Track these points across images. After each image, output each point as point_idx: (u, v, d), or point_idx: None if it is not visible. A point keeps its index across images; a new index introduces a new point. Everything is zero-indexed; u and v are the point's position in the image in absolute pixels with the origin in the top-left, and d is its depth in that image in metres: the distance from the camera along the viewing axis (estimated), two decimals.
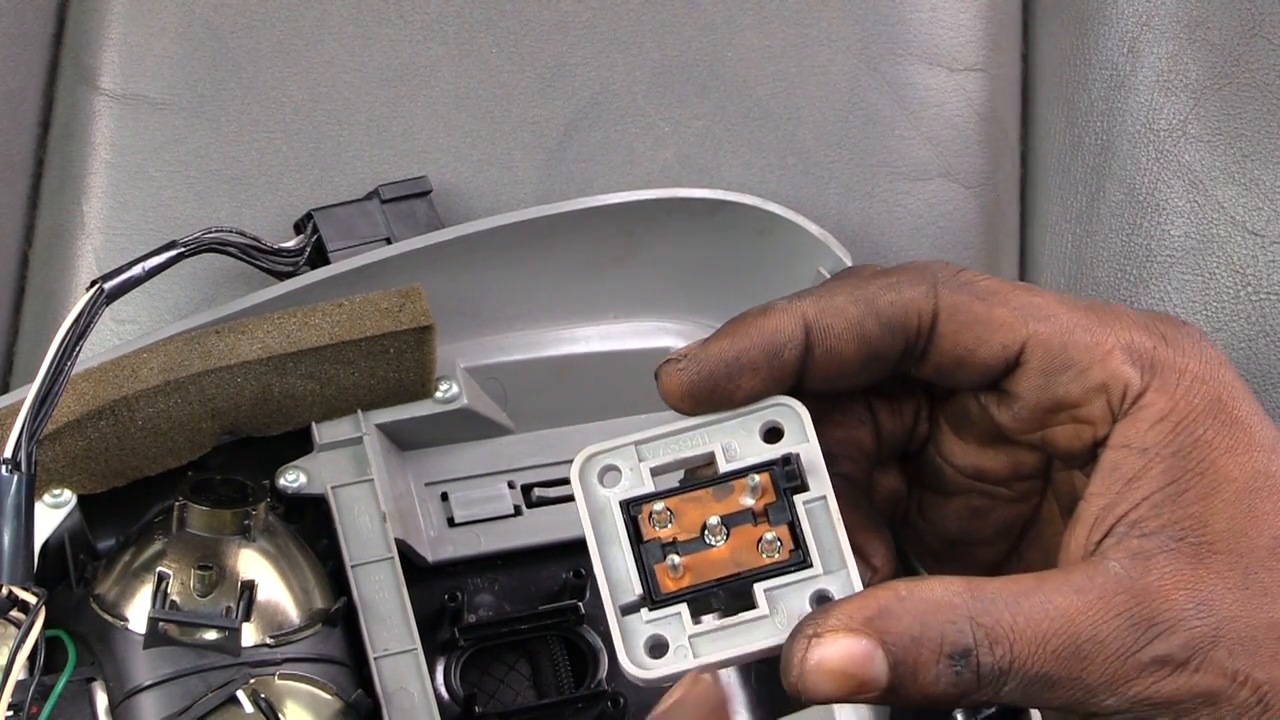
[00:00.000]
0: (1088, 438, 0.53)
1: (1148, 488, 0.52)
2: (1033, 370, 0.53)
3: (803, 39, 0.79)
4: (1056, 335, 0.53)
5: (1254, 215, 0.78)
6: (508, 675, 0.68)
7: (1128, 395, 0.53)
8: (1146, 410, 0.52)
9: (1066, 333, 0.53)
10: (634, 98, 0.77)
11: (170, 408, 0.64)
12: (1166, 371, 0.53)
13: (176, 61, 0.77)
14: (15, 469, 0.58)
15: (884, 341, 0.54)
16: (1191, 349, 0.53)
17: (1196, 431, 0.52)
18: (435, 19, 0.78)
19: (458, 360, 0.69)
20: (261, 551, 0.62)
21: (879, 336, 0.53)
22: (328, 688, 0.61)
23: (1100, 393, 0.53)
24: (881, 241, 0.76)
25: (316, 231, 0.71)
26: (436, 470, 0.69)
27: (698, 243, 0.71)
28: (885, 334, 0.53)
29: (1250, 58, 0.80)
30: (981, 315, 0.53)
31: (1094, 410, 0.53)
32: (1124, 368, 0.53)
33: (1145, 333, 0.53)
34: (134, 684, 0.60)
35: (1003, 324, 0.53)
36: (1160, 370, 0.53)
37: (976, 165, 0.79)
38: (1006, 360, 0.54)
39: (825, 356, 0.53)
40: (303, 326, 0.65)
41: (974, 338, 0.53)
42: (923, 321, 0.54)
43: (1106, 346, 0.53)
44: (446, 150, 0.76)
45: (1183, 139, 0.79)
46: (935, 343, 0.54)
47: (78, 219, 0.75)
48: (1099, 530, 0.52)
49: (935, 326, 0.54)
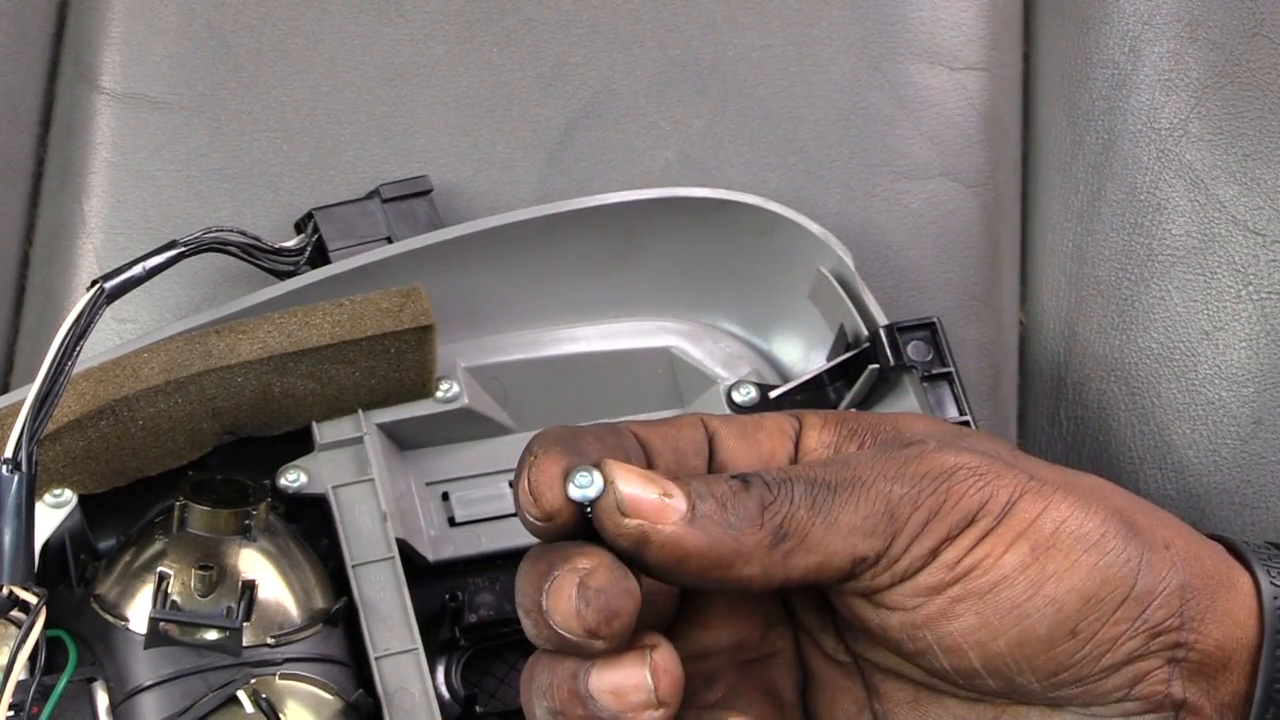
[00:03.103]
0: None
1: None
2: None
3: (804, 38, 0.79)
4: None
5: (1255, 214, 0.78)
6: (508, 675, 0.68)
7: (794, 424, 0.57)
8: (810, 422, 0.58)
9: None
10: (635, 97, 0.77)
11: (171, 407, 0.63)
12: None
13: (177, 61, 0.77)
14: (16, 469, 0.57)
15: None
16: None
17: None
18: (435, 18, 0.78)
19: (458, 360, 0.69)
20: (262, 551, 0.62)
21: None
22: (329, 688, 0.61)
23: (779, 434, 0.57)
24: (882, 241, 0.76)
25: (317, 231, 0.71)
26: (437, 470, 0.69)
27: (698, 242, 0.71)
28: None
29: (1252, 57, 0.80)
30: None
31: (783, 446, 0.57)
32: (780, 415, 0.58)
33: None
34: (135, 684, 0.60)
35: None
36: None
37: (977, 164, 0.79)
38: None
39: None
40: (303, 326, 0.65)
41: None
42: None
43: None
44: (447, 150, 0.76)
45: (1184, 138, 0.79)
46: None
47: (78, 218, 0.75)
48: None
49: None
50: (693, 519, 0.52)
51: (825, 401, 0.70)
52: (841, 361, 0.70)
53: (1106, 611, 0.53)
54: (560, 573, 0.52)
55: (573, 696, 0.53)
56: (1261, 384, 0.76)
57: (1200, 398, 0.76)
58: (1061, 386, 0.78)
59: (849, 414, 0.57)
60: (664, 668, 0.52)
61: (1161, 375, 0.77)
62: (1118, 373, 0.77)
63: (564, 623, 0.52)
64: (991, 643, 0.53)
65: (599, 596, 0.51)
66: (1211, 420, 0.76)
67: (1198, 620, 0.54)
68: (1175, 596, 0.53)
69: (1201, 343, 0.77)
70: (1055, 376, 0.79)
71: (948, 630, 0.53)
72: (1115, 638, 0.53)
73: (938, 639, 0.53)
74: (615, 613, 0.51)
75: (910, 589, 0.53)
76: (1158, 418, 0.76)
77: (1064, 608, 0.53)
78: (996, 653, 0.53)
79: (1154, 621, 0.53)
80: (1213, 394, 0.76)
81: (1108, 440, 0.77)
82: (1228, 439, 0.75)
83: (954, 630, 0.53)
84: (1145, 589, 0.53)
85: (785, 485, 0.53)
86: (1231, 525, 0.74)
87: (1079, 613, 0.53)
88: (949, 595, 0.53)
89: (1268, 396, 0.76)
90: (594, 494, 0.52)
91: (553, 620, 0.52)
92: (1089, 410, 0.78)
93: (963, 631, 0.53)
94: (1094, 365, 0.78)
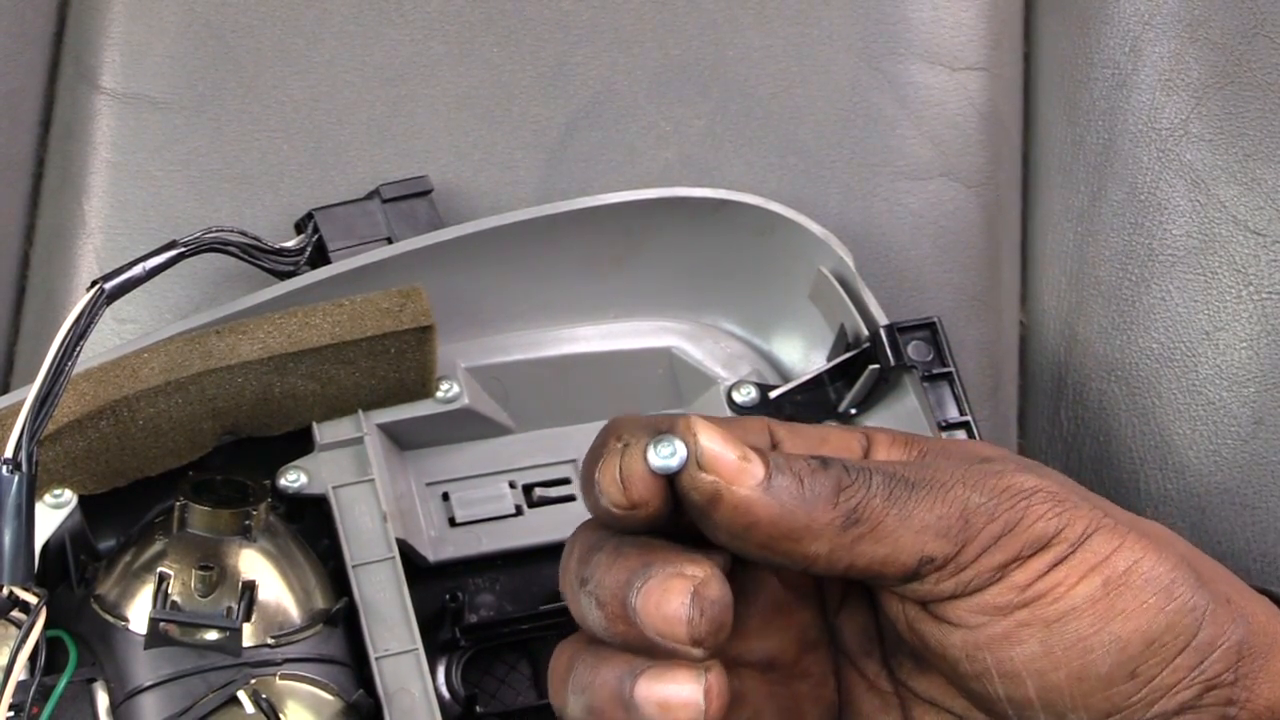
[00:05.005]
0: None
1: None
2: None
3: (804, 38, 0.79)
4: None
5: (1256, 215, 0.78)
6: (509, 675, 0.68)
7: (862, 442, 0.57)
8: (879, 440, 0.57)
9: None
10: (635, 97, 0.77)
11: (171, 408, 0.63)
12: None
13: (177, 61, 0.77)
14: (16, 469, 0.57)
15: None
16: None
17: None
18: (436, 18, 0.78)
19: (458, 360, 0.69)
20: (262, 552, 0.62)
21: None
22: (329, 688, 0.61)
23: (846, 450, 0.56)
24: (883, 241, 0.76)
25: (317, 231, 0.70)
26: (437, 470, 0.69)
27: (699, 242, 0.71)
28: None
29: (1252, 57, 0.80)
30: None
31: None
32: (849, 431, 0.58)
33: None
34: (135, 684, 0.60)
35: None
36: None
37: (978, 164, 0.79)
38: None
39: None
40: (303, 326, 0.65)
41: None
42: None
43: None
44: (447, 150, 0.76)
45: (1184, 138, 0.79)
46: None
47: (78, 218, 0.75)
48: None
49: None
50: (768, 487, 0.51)
51: (826, 402, 0.70)
52: (842, 361, 0.70)
53: (1168, 657, 0.52)
54: (662, 574, 0.51)
55: (615, 699, 0.52)
56: (1262, 384, 0.76)
57: (1201, 398, 0.76)
58: (1062, 387, 0.78)
59: (918, 435, 0.57)
60: (717, 689, 0.51)
61: (1162, 375, 0.77)
62: (1118, 373, 0.77)
63: (664, 628, 0.51)
64: (1051, 673, 0.52)
65: (713, 607, 0.50)
66: (1212, 420, 0.76)
67: (1251, 678, 0.53)
68: (1234, 651, 0.53)
69: (1202, 343, 0.77)
70: (1055, 376, 0.79)
71: (1009, 655, 0.52)
72: (1172, 685, 0.52)
73: (997, 662, 0.53)
74: (724, 625, 0.51)
75: (977, 605, 0.52)
76: (1158, 418, 0.76)
77: (1128, 647, 0.52)
78: (1054, 684, 0.52)
79: (1211, 674, 0.52)
80: (1213, 394, 0.76)
81: (1108, 440, 0.77)
82: (1228, 439, 0.75)
83: (1015, 655, 0.52)
84: (1207, 640, 0.52)
85: (864, 474, 0.52)
86: (1231, 525, 0.74)
87: (1142, 654, 0.52)
88: (1015, 619, 0.52)
89: (1268, 396, 0.76)
90: (675, 465, 0.51)
91: (641, 619, 0.51)
92: (1089, 410, 0.78)
93: (1024, 658, 0.52)
94: (1094, 365, 0.78)
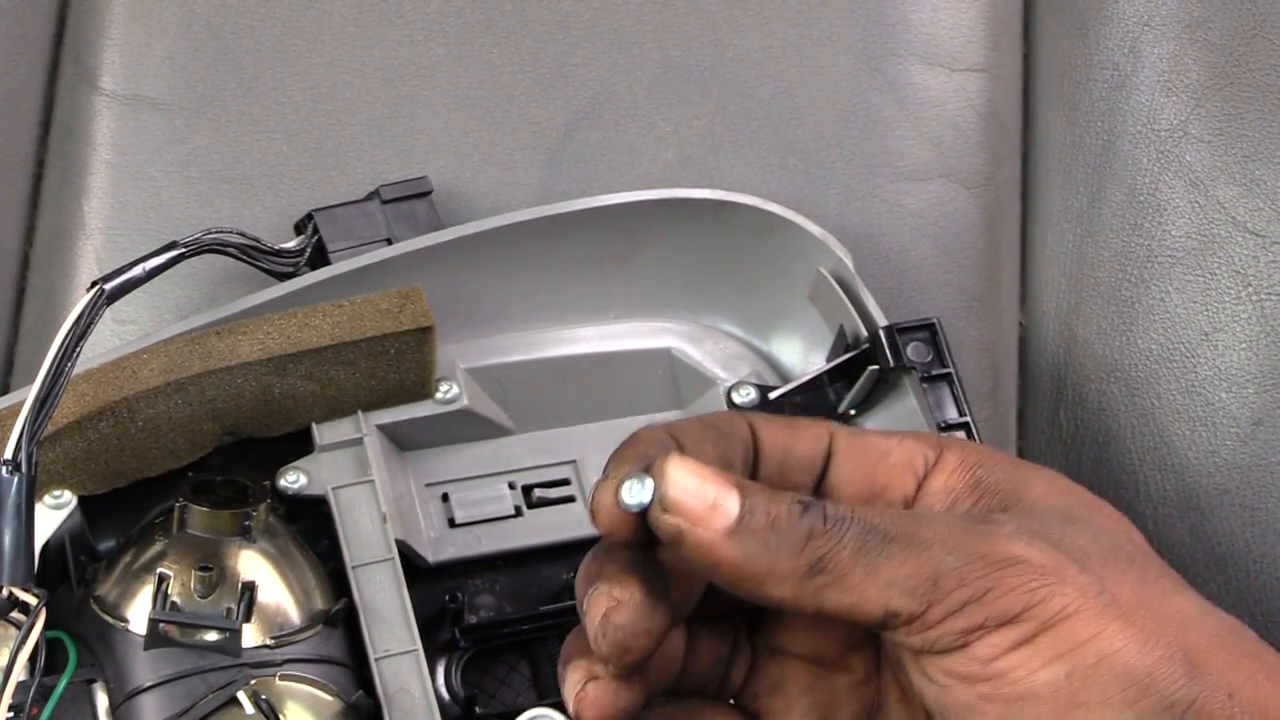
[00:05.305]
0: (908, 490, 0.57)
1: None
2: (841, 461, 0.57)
3: (804, 39, 0.79)
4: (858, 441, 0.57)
5: (1255, 216, 0.78)
6: (508, 676, 0.68)
7: (928, 460, 0.56)
8: (946, 462, 0.57)
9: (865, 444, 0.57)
10: (635, 98, 0.77)
11: (171, 409, 0.63)
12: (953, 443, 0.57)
13: (177, 62, 0.77)
14: (15, 470, 0.57)
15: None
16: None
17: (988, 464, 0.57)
18: (436, 19, 0.78)
19: (458, 361, 0.69)
20: (262, 552, 0.62)
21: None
22: (328, 689, 0.61)
23: (906, 469, 0.56)
24: (882, 242, 0.76)
25: (317, 232, 0.71)
26: (437, 471, 0.69)
27: (698, 243, 0.71)
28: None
29: (1251, 58, 0.80)
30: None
31: (905, 480, 0.57)
32: (920, 445, 0.57)
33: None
34: (134, 685, 0.60)
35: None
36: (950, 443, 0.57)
37: (977, 165, 0.79)
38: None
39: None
40: (303, 327, 0.65)
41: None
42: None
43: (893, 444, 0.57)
44: (447, 150, 0.76)
45: (1184, 139, 0.79)
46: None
47: (78, 219, 0.75)
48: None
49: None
50: (734, 531, 0.52)
51: (825, 402, 0.70)
52: (841, 362, 0.70)
53: None
54: (600, 588, 0.54)
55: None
56: (1261, 385, 0.76)
57: (1200, 399, 0.76)
58: (1061, 387, 0.78)
59: (987, 460, 0.56)
60: (591, 700, 0.55)
61: (1161, 376, 0.77)
62: (1117, 374, 0.77)
63: (590, 635, 0.54)
64: None
65: (616, 632, 0.53)
66: (1211, 421, 0.76)
67: None
68: None
69: (1201, 344, 0.77)
70: (1055, 377, 0.79)
71: None
72: None
73: None
74: (627, 650, 0.53)
75: (945, 667, 0.52)
76: (1157, 419, 0.76)
77: None
78: None
79: None
80: (1212, 395, 0.76)
81: (1107, 441, 0.77)
82: (1227, 440, 0.75)
83: None
84: None
85: (841, 523, 0.52)
86: (1231, 526, 0.74)
87: None
88: (978, 690, 0.52)
89: (1267, 398, 0.76)
90: (639, 505, 0.52)
91: (585, 623, 0.54)
92: (1089, 411, 0.78)
93: None
94: (1094, 366, 0.78)
